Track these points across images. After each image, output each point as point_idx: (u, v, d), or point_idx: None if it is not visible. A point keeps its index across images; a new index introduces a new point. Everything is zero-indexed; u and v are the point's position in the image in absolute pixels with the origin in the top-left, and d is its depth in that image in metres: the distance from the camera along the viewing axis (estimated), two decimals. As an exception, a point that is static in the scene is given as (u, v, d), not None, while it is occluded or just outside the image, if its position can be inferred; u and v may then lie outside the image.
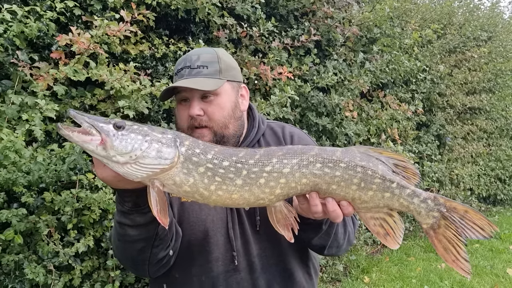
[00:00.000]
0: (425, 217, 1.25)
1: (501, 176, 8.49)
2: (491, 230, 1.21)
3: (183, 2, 3.17)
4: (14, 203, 2.57)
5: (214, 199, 1.18)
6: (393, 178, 1.22)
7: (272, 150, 1.22)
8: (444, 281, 4.91)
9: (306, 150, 1.21)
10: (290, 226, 1.22)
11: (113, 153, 1.08)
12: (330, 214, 1.23)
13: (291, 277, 1.58)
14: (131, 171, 1.10)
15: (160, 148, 1.12)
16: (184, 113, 1.49)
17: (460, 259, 1.22)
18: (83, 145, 1.10)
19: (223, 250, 1.51)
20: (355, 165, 1.20)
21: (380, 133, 5.22)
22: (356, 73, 4.60)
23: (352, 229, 1.58)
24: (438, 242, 1.25)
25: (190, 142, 1.17)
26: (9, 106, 2.43)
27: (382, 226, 1.26)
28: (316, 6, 4.28)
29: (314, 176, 1.19)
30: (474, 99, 7.39)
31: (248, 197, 1.18)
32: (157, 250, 1.37)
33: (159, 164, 1.11)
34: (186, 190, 1.16)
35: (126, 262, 1.47)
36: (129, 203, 1.25)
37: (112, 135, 1.09)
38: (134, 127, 1.14)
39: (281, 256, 1.56)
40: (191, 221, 1.51)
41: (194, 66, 1.48)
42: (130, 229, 1.30)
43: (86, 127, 1.10)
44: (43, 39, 2.68)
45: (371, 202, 1.22)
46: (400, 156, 1.26)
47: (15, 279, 2.54)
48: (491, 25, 8.06)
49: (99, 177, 1.17)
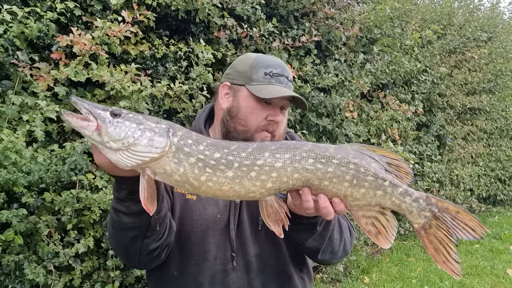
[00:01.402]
0: (416, 216, 1.24)
1: (501, 176, 8.50)
2: (482, 232, 1.21)
3: (183, 3, 3.17)
4: (15, 203, 2.57)
5: (204, 190, 1.19)
6: (386, 177, 1.22)
7: (265, 144, 1.23)
8: (444, 281, 4.91)
9: (299, 146, 1.22)
10: (280, 222, 1.23)
11: (107, 139, 1.11)
12: (322, 211, 1.23)
13: (288, 280, 1.58)
14: (123, 159, 1.12)
15: (152, 136, 1.14)
16: (261, 113, 1.51)
17: (450, 260, 1.22)
18: (80, 130, 1.14)
19: (222, 250, 1.51)
20: (348, 162, 1.20)
21: (380, 133, 5.22)
22: (356, 73, 4.61)
23: (349, 238, 1.57)
24: (429, 243, 1.25)
25: (183, 133, 1.19)
26: (10, 106, 2.43)
27: (373, 224, 1.25)
28: (317, 7, 4.28)
29: (306, 171, 1.19)
30: (474, 99, 7.39)
31: (238, 189, 1.19)
32: (149, 240, 1.38)
33: (149, 152, 1.13)
34: (177, 179, 1.17)
35: (118, 251, 1.48)
36: (125, 190, 1.27)
37: (107, 121, 1.12)
38: (130, 115, 1.16)
39: (279, 258, 1.56)
40: (193, 219, 1.52)
41: (290, 78, 1.57)
42: (124, 216, 1.32)
43: (85, 113, 1.14)
44: (43, 40, 2.68)
45: (363, 199, 1.22)
46: (393, 154, 1.26)
47: (15, 279, 2.54)
48: (491, 25, 8.07)
49: (97, 163, 1.21)
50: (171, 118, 3.26)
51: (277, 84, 1.52)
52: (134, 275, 2.99)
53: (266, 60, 1.57)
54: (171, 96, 3.12)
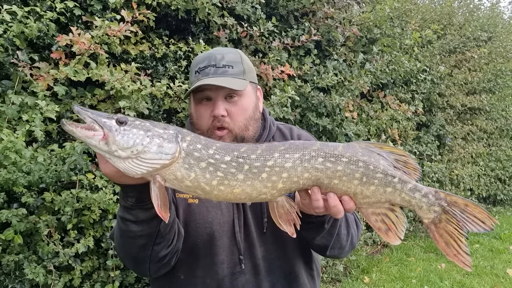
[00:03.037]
0: (426, 211, 1.25)
1: (501, 176, 8.49)
2: (491, 223, 1.22)
3: (183, 2, 3.17)
4: (14, 203, 2.57)
5: (216, 194, 1.18)
6: (395, 173, 1.22)
7: (274, 145, 1.23)
8: (444, 281, 4.91)
9: (308, 145, 1.22)
10: (292, 221, 1.23)
11: (115, 148, 1.10)
12: (331, 210, 1.22)
13: (296, 279, 1.57)
14: (132, 167, 1.11)
15: (161, 143, 1.12)
16: (205, 113, 1.47)
17: (461, 253, 1.23)
18: (85, 140, 1.11)
19: (229, 253, 1.50)
20: (357, 160, 1.20)
21: (380, 133, 5.22)
22: (356, 73, 4.61)
23: (356, 232, 1.57)
24: (439, 237, 1.25)
25: (192, 138, 1.18)
26: (9, 106, 2.43)
27: (383, 221, 1.26)
28: (316, 7, 4.28)
29: (316, 170, 1.19)
30: (474, 99, 7.39)
31: (250, 191, 1.18)
32: (158, 248, 1.36)
33: (160, 159, 1.12)
34: (188, 185, 1.16)
35: (127, 260, 1.46)
36: (132, 198, 1.25)
37: (114, 130, 1.10)
38: (136, 122, 1.15)
39: (286, 258, 1.56)
40: (197, 223, 1.51)
41: (220, 65, 1.46)
42: (132, 225, 1.30)
43: (89, 122, 1.11)
44: (43, 39, 2.68)
45: (373, 197, 1.22)
46: (400, 151, 1.26)
47: (15, 279, 2.54)
48: (491, 25, 8.06)
49: (103, 172, 1.18)
50: (171, 118, 3.26)
51: (203, 78, 1.46)
52: (134, 275, 2.99)
53: (197, 58, 1.53)
54: (171, 96, 3.12)
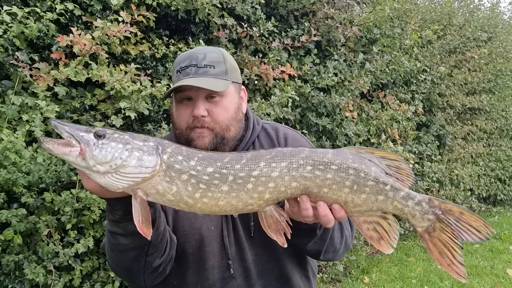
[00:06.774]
0: (419, 220, 1.20)
1: (501, 176, 8.49)
2: (487, 232, 1.17)
3: (183, 3, 3.17)
4: (14, 203, 2.57)
5: (199, 207, 1.14)
6: (387, 181, 1.17)
7: (260, 153, 1.17)
8: (444, 281, 4.91)
9: (296, 153, 1.16)
10: (282, 231, 1.18)
11: (92, 162, 1.06)
12: (321, 219, 1.19)
13: (288, 282, 1.56)
14: (112, 181, 1.07)
15: (141, 156, 1.09)
16: (185, 113, 1.44)
17: (455, 263, 1.18)
18: (63, 157, 1.08)
19: (219, 258, 1.49)
20: (347, 167, 1.15)
21: (380, 133, 5.22)
22: (356, 73, 4.61)
23: (350, 233, 1.54)
24: (433, 246, 1.21)
25: (173, 149, 1.14)
26: (9, 106, 2.43)
27: (375, 230, 1.21)
28: (316, 7, 4.28)
29: (305, 179, 1.14)
30: (474, 99, 7.39)
31: (235, 203, 1.14)
32: (151, 258, 1.34)
33: (140, 173, 1.08)
34: (170, 199, 1.12)
35: (121, 273, 1.44)
36: (119, 212, 1.23)
37: (92, 144, 1.07)
38: (115, 135, 1.11)
39: (277, 261, 1.54)
40: (185, 230, 1.49)
41: (201, 65, 1.42)
42: (122, 238, 1.28)
43: (66, 137, 1.08)
44: (43, 40, 2.68)
45: (364, 205, 1.18)
46: (392, 155, 1.21)
47: (15, 279, 2.54)
48: (491, 25, 8.07)
49: (86, 188, 1.15)
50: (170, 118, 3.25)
51: (184, 78, 1.42)
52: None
53: (180, 57, 1.49)
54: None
